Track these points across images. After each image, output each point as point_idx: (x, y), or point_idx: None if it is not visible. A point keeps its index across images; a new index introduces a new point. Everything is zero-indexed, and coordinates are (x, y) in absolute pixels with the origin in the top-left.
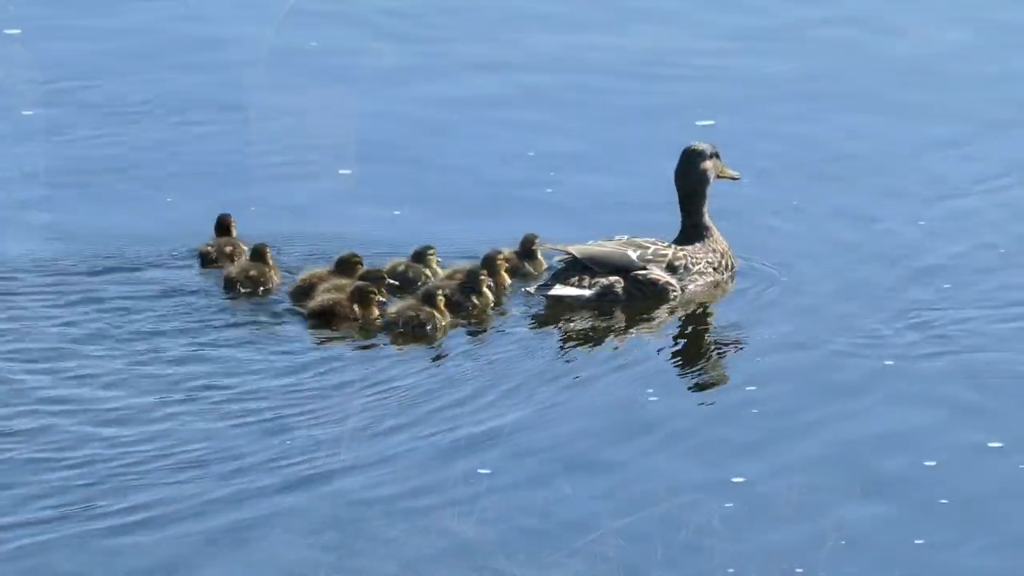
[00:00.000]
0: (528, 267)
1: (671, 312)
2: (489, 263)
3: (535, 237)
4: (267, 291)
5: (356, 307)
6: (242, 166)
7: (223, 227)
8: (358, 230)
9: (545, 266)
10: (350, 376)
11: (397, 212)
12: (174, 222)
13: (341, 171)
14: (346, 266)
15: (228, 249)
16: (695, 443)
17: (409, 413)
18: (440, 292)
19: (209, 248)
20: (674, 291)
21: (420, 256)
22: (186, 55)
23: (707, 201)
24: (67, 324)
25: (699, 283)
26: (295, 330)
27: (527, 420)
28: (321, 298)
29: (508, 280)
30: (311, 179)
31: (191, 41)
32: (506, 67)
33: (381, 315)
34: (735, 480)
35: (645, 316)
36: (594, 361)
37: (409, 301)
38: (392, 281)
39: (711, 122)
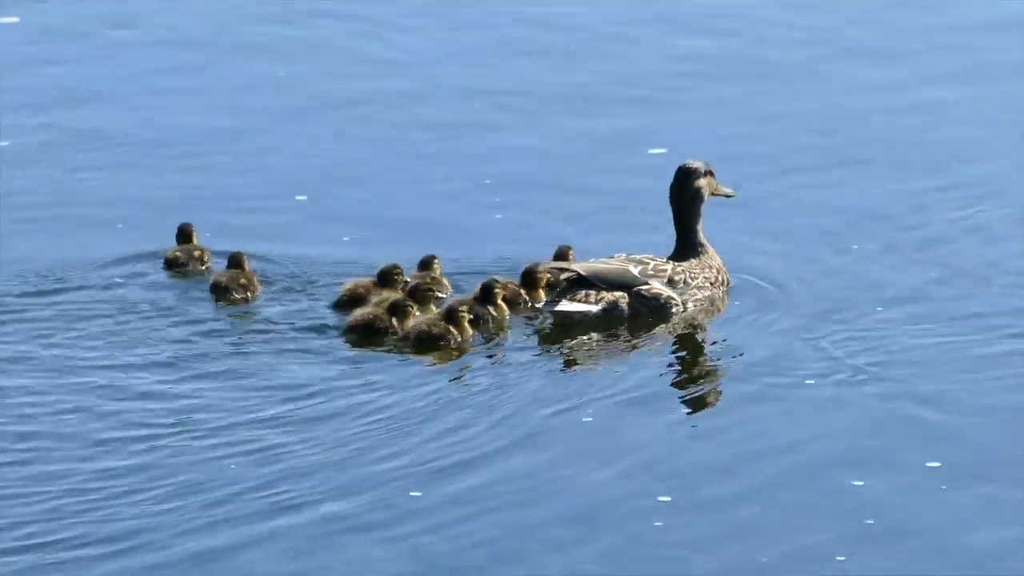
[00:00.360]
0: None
1: (671, 331)
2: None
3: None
4: (255, 297)
5: (394, 320)
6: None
7: (185, 236)
8: (313, 252)
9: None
10: (343, 401)
11: (346, 238)
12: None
13: (298, 197)
14: (387, 278)
15: (197, 253)
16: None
17: (400, 436)
18: (462, 309)
19: (178, 253)
20: (676, 305)
21: (426, 264)
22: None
23: (701, 218)
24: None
25: (697, 298)
26: (324, 344)
27: (514, 445)
28: (359, 312)
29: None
30: (267, 204)
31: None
32: (463, 93)
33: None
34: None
35: (647, 336)
36: (593, 386)
37: (428, 316)
38: (440, 295)
39: (663, 150)
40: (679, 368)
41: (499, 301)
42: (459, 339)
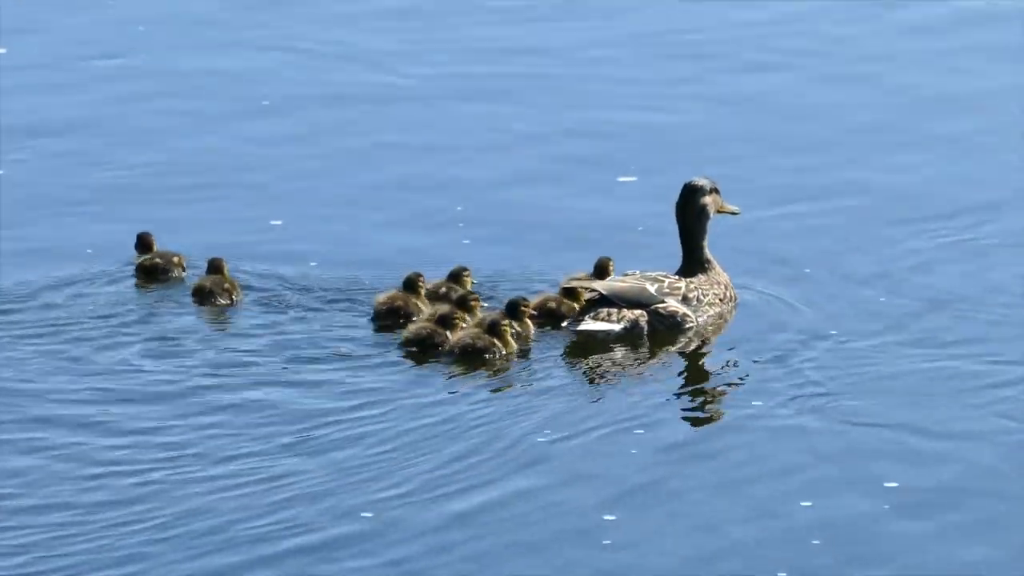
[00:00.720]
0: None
1: (685, 347)
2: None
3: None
4: (238, 302)
5: (448, 333)
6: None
7: (145, 245)
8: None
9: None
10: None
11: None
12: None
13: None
14: (412, 286)
15: (176, 259)
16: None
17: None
18: (505, 322)
19: (157, 260)
20: (691, 322)
21: (456, 277)
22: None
23: (707, 235)
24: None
25: (709, 314)
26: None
27: (518, 471)
28: (414, 327)
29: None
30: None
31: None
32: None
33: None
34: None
35: (662, 355)
36: (605, 413)
37: (471, 329)
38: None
39: (633, 178)
40: (686, 391)
41: (525, 318)
42: (503, 352)
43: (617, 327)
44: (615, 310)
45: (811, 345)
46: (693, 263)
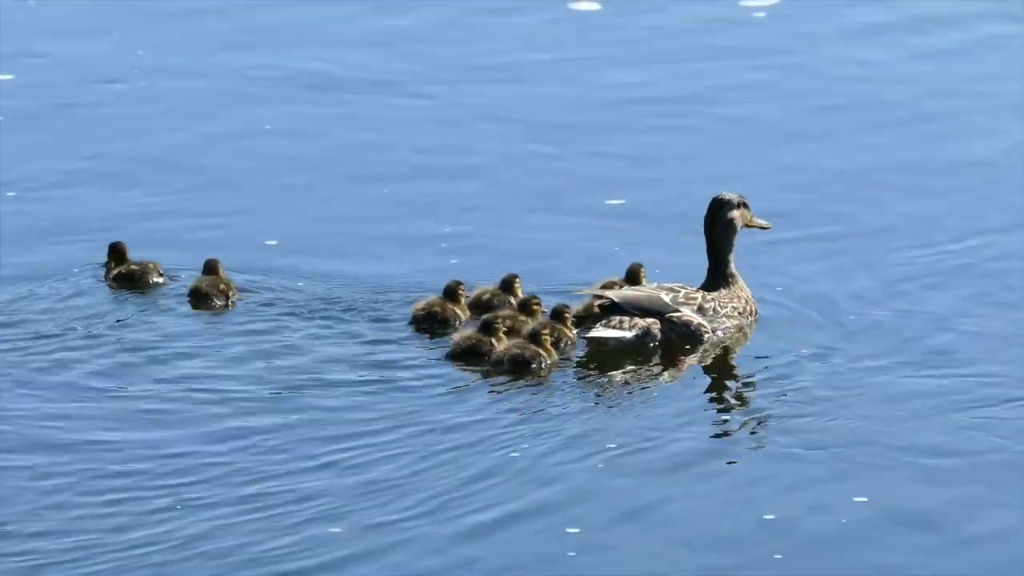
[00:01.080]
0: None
1: (700, 361)
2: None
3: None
4: (234, 304)
5: (492, 340)
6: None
7: (118, 254)
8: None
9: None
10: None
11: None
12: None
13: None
14: (452, 294)
15: (151, 265)
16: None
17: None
18: (545, 332)
19: (134, 267)
20: (707, 333)
21: (508, 285)
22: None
23: (733, 249)
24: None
25: (726, 326)
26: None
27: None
28: (460, 337)
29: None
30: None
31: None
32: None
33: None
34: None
35: (674, 368)
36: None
37: (517, 339)
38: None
39: (622, 201)
40: (696, 407)
41: (568, 324)
42: (548, 361)
43: (628, 335)
44: (627, 318)
45: (821, 362)
46: (717, 277)
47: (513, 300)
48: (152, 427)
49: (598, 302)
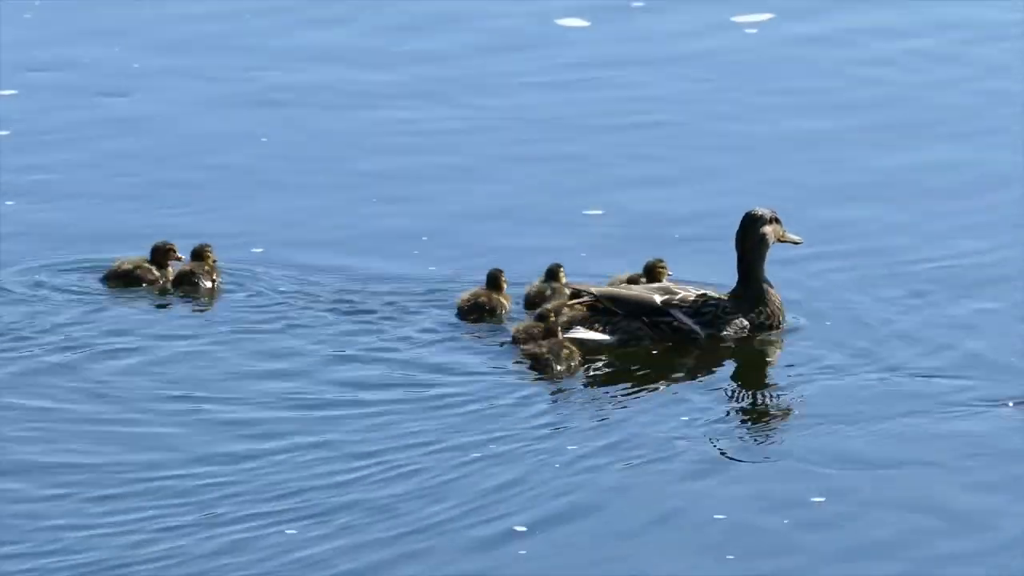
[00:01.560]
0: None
1: (692, 367)
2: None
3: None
4: (217, 288)
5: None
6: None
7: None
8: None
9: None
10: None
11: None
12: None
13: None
14: (495, 282)
15: (143, 262)
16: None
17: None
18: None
19: (127, 266)
20: (697, 337)
21: (552, 274)
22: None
23: (764, 264)
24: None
25: (726, 333)
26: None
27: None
28: (527, 349)
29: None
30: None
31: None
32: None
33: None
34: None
35: (663, 373)
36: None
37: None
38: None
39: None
40: (683, 418)
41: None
42: (572, 363)
43: (608, 338)
44: (611, 319)
45: (846, 373)
46: (747, 291)
47: (558, 286)
48: (177, 437)
49: (577, 300)
